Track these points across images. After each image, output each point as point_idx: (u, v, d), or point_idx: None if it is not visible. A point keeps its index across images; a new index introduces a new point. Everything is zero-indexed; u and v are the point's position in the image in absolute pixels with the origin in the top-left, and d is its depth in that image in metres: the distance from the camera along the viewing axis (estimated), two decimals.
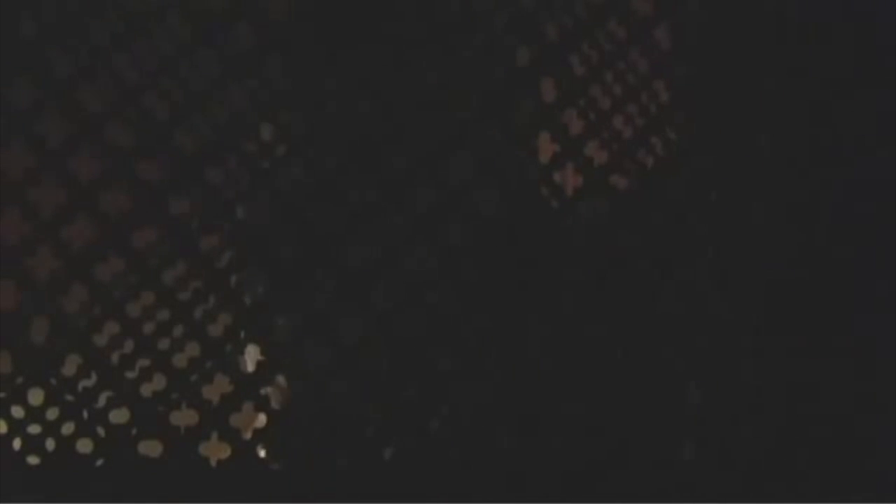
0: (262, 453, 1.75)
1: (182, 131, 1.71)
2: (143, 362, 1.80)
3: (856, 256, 1.93)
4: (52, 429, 1.68)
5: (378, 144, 1.78)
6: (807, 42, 1.93)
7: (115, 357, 1.93)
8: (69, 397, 1.69)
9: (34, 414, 1.88)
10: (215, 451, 1.67)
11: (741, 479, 1.89)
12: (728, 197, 1.93)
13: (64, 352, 1.67)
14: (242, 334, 1.72)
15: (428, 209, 1.79)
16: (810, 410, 1.91)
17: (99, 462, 1.65)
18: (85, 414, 1.69)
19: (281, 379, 1.81)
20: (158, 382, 1.74)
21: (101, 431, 1.67)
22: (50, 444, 1.67)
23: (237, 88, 1.71)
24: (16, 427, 1.69)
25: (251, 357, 1.78)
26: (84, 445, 1.67)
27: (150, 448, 1.66)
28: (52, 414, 1.73)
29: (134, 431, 1.66)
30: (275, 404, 1.69)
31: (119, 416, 1.69)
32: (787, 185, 1.93)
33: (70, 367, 1.80)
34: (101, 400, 1.74)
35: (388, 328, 1.77)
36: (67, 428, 1.69)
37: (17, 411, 1.76)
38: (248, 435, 1.70)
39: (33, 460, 1.64)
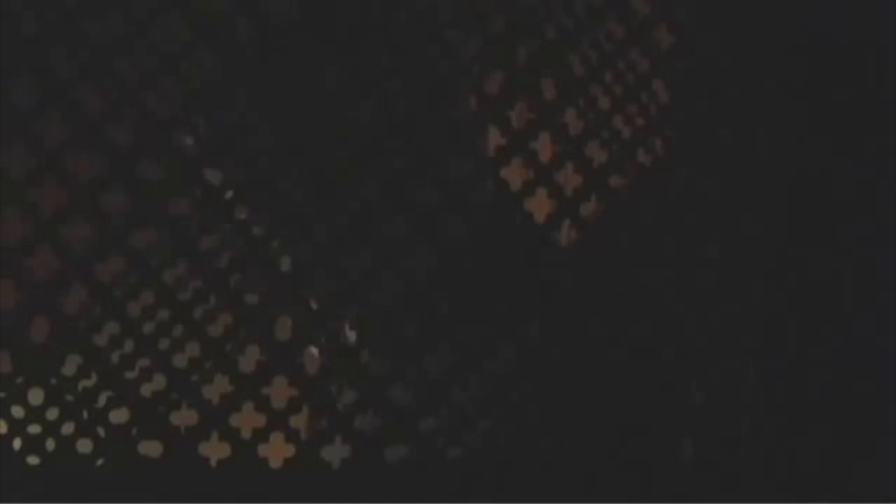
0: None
1: (182, 131, 1.71)
2: (143, 362, 1.80)
3: (856, 256, 1.93)
4: (52, 429, 1.68)
5: (378, 143, 1.78)
6: (806, 41, 1.93)
7: (115, 357, 1.93)
8: (69, 397, 1.68)
9: (34, 414, 1.88)
10: (215, 451, 1.67)
11: (741, 479, 1.89)
12: (728, 197, 1.93)
13: (64, 352, 1.67)
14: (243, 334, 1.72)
15: (428, 209, 1.79)
16: (810, 410, 1.91)
17: (99, 462, 1.65)
18: (85, 414, 1.69)
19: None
20: (158, 382, 1.74)
21: (101, 431, 1.66)
22: (50, 444, 1.66)
23: (238, 88, 1.71)
24: (16, 427, 1.69)
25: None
26: (84, 445, 1.67)
27: (150, 448, 1.66)
28: (52, 414, 1.73)
29: (134, 431, 1.66)
30: (275, 404, 1.69)
31: (119, 416, 1.69)
32: (788, 185, 1.93)
33: (70, 367, 1.80)
34: (101, 400, 1.74)
35: (386, 328, 1.77)
36: (67, 428, 1.69)
37: (17, 411, 1.76)
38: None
39: (33, 460, 1.64)
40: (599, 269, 1.89)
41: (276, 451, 1.74)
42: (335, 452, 1.79)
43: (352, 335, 1.92)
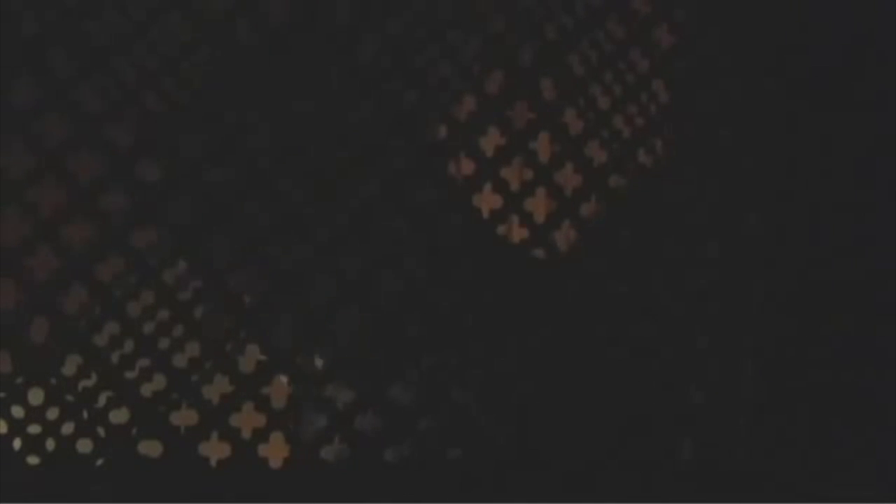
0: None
1: (182, 131, 1.71)
2: (143, 362, 1.80)
3: (856, 256, 1.93)
4: (52, 429, 1.68)
5: (378, 143, 1.78)
6: (806, 41, 1.93)
7: (115, 357, 1.93)
8: (69, 397, 1.68)
9: (34, 414, 1.88)
10: (215, 451, 1.67)
11: (741, 479, 1.89)
12: (728, 197, 1.93)
13: (64, 352, 1.67)
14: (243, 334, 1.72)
15: (429, 208, 1.79)
16: (810, 410, 1.91)
17: (99, 462, 1.65)
18: (85, 414, 1.69)
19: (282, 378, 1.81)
20: (158, 382, 1.74)
21: (101, 431, 1.66)
22: (50, 444, 1.66)
23: (238, 88, 1.71)
24: (16, 427, 1.69)
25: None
26: (84, 445, 1.67)
27: (150, 448, 1.66)
28: (52, 414, 1.73)
29: (134, 431, 1.66)
30: (275, 403, 1.69)
31: (119, 416, 1.69)
32: (788, 185, 1.93)
33: (70, 367, 1.80)
34: (101, 400, 1.74)
35: (386, 328, 1.77)
36: (67, 428, 1.69)
37: (17, 411, 1.76)
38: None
39: (33, 460, 1.64)
40: (599, 269, 1.89)
41: (276, 451, 1.74)
42: (335, 452, 1.79)
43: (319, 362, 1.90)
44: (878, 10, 1.93)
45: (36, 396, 1.76)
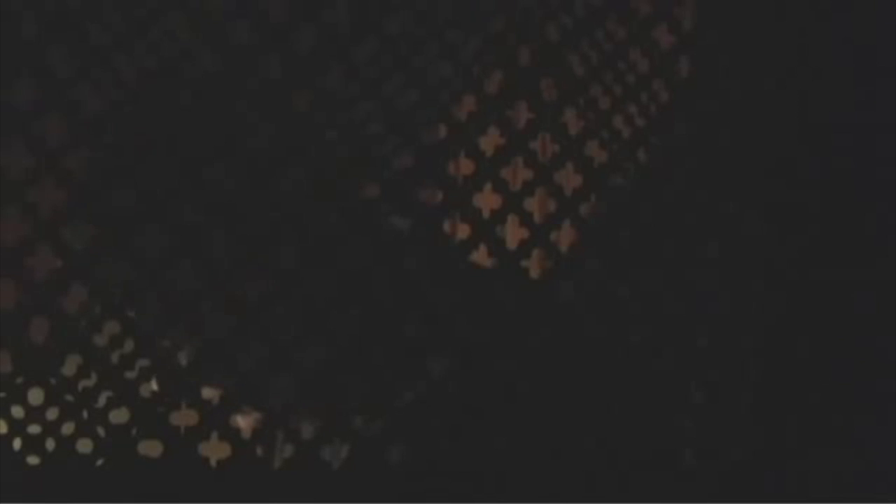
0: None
1: (183, 131, 1.71)
2: (143, 362, 1.80)
3: (857, 255, 1.93)
4: (52, 429, 1.68)
5: (378, 143, 1.78)
6: (807, 41, 1.93)
7: (115, 357, 1.93)
8: (69, 397, 1.68)
9: (34, 414, 1.87)
10: (215, 451, 1.67)
11: (741, 480, 1.89)
12: (729, 196, 1.93)
13: (64, 352, 1.67)
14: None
15: (427, 209, 1.79)
16: (811, 411, 1.91)
17: (99, 462, 1.65)
18: (85, 414, 1.69)
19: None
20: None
21: (101, 431, 1.66)
22: (50, 444, 1.66)
23: (238, 87, 1.71)
24: (16, 427, 1.69)
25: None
26: (84, 445, 1.67)
27: (150, 448, 1.66)
28: (52, 414, 1.73)
29: (134, 431, 1.66)
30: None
31: (119, 416, 1.69)
32: (789, 185, 1.93)
33: (70, 367, 1.79)
34: (101, 400, 1.74)
35: (385, 328, 1.77)
36: (67, 428, 1.69)
37: (17, 411, 1.76)
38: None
39: (33, 460, 1.64)
40: (598, 269, 1.89)
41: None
42: (335, 452, 1.79)
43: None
44: (879, 11, 1.93)
45: (36, 396, 1.75)
